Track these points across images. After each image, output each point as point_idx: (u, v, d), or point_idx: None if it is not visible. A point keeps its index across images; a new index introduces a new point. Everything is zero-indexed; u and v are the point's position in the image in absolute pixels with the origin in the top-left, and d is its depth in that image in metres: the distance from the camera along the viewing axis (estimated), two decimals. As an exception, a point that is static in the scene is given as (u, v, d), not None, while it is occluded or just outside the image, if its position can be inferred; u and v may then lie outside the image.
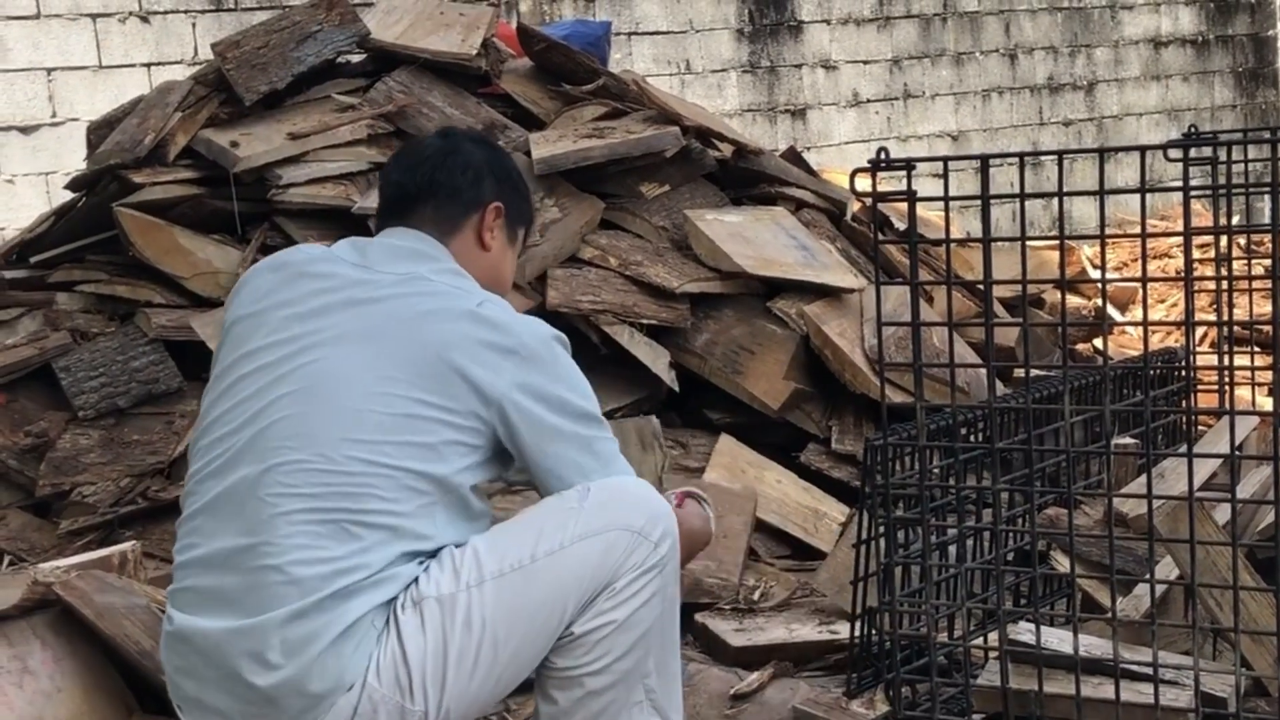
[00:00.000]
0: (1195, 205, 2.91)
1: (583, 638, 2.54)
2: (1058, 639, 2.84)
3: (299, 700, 2.41)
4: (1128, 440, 3.71)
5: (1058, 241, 2.84)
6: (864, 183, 2.80)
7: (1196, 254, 6.87)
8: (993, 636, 2.97)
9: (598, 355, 4.64)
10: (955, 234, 2.93)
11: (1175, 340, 6.89)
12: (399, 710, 2.44)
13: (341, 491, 2.46)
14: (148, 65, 7.55)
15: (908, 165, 2.75)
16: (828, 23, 10.08)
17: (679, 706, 2.74)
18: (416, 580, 2.47)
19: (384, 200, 2.83)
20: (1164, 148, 2.69)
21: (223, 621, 2.45)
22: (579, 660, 2.55)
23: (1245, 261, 5.40)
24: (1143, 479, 2.88)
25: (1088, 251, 8.57)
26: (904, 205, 2.83)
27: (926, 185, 2.81)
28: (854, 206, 5.69)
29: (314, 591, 2.41)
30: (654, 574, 2.58)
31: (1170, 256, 8.60)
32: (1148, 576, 2.92)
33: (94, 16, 7.42)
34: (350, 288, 2.62)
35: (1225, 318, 3.10)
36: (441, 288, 2.63)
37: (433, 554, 2.51)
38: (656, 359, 4.66)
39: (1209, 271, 5.32)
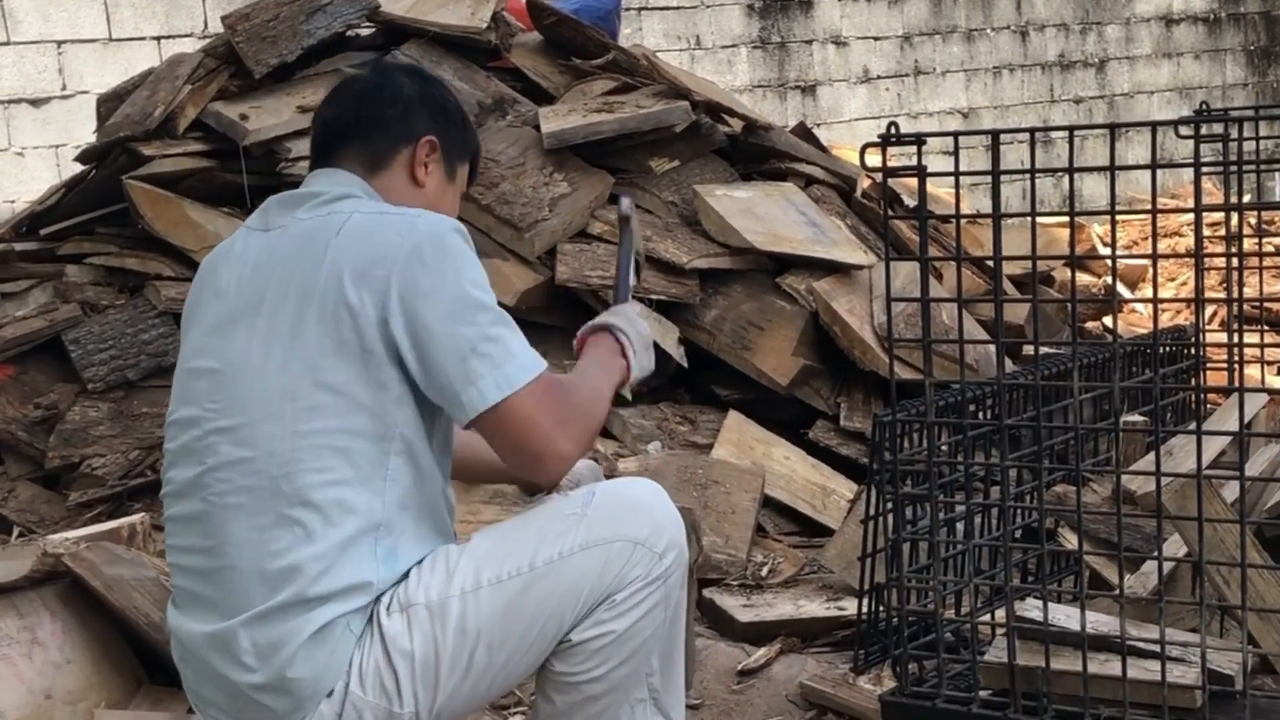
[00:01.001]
0: (1206, 183, 2.90)
1: (580, 646, 2.47)
2: (1065, 616, 2.84)
3: (279, 702, 2.36)
4: (1136, 418, 3.71)
5: (1068, 218, 2.83)
6: (874, 158, 2.80)
7: (1207, 232, 6.85)
8: (1000, 613, 2.96)
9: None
10: (965, 211, 2.93)
11: (1185, 318, 6.87)
12: (386, 715, 2.37)
13: (274, 476, 2.35)
14: (158, 38, 7.54)
15: (918, 140, 2.74)
16: (839, -2, 10.06)
17: (681, 706, 2.70)
18: (404, 582, 2.39)
19: (313, 140, 2.64)
20: (1175, 124, 2.68)
21: (203, 624, 2.42)
22: (577, 667, 2.48)
23: (1256, 239, 5.39)
24: (1151, 456, 2.87)
25: (1098, 229, 8.56)
26: (914, 181, 2.82)
27: (936, 162, 2.80)
28: (864, 183, 5.68)
29: (277, 590, 2.33)
30: (657, 585, 2.50)
31: (1180, 235, 8.58)
32: (1155, 554, 2.92)
33: (104, -11, 7.42)
34: (251, 258, 2.48)
35: (1235, 296, 3.09)
36: (314, 221, 2.45)
37: (386, 526, 2.38)
38: (665, 335, 4.66)
39: (1219, 249, 5.31)
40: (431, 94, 2.67)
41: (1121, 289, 7.65)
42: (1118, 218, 2.78)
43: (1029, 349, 5.17)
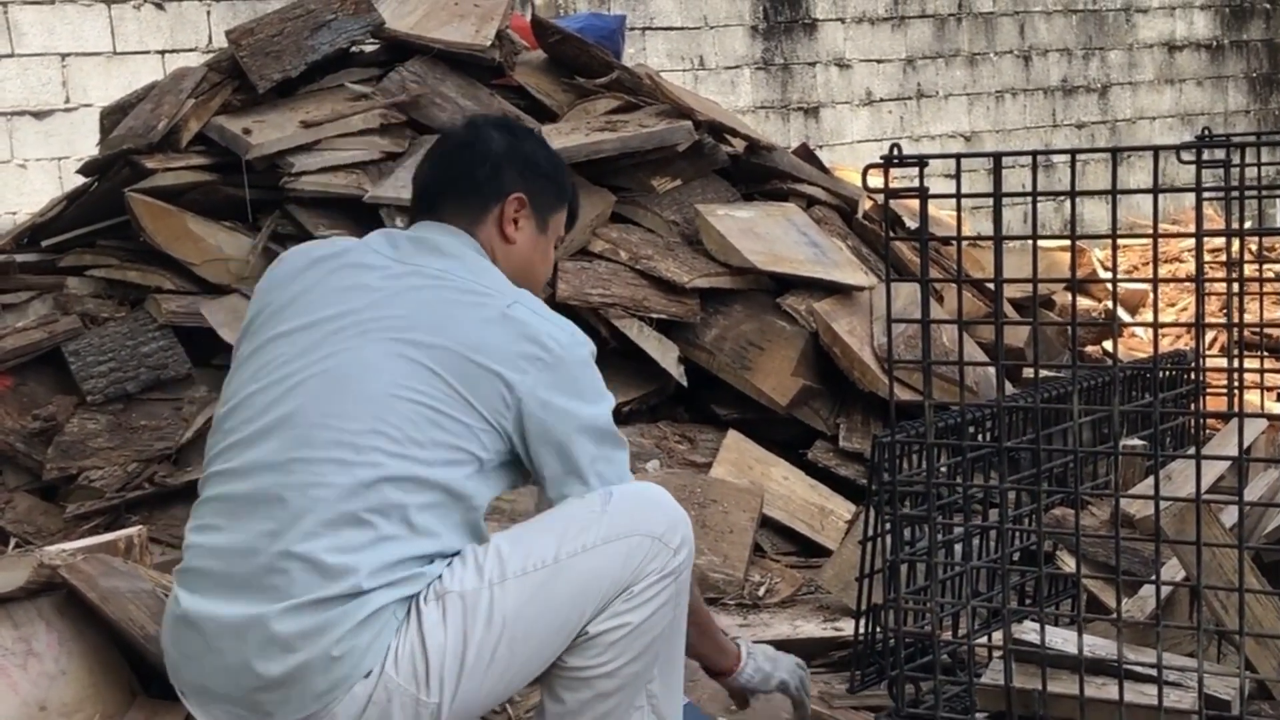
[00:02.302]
0: (1207, 209, 2.91)
1: (597, 638, 2.53)
2: (1062, 639, 2.84)
3: (315, 684, 2.40)
4: (1136, 442, 3.71)
5: (1069, 242, 2.83)
6: (876, 179, 2.80)
7: (1207, 257, 6.85)
8: (997, 635, 2.96)
9: (606, 348, 4.64)
10: (966, 233, 2.93)
11: (1185, 343, 6.87)
12: (413, 701, 2.43)
13: (365, 484, 2.43)
14: (162, 52, 7.56)
15: (920, 162, 2.75)
16: (842, 21, 10.07)
17: (679, 713, 2.74)
18: (440, 575, 2.46)
19: (414, 195, 2.80)
20: (1177, 149, 2.69)
21: (237, 608, 2.43)
22: (591, 661, 2.54)
23: (1256, 265, 5.39)
24: (1150, 480, 2.87)
25: (1099, 253, 8.57)
26: (915, 203, 2.82)
27: (938, 184, 2.81)
28: (865, 204, 5.68)
29: (335, 580, 2.39)
30: (670, 580, 2.58)
31: (1181, 260, 8.59)
32: (1153, 578, 2.92)
33: (109, 2, 7.43)
34: (382, 279, 2.59)
35: (1235, 321, 3.09)
36: (474, 285, 2.59)
37: (445, 555, 2.50)
38: (665, 353, 4.66)
39: (1220, 275, 5.31)
40: (520, 149, 2.78)
41: (1122, 313, 7.65)
42: (1119, 242, 2.79)
43: (1029, 372, 5.17)
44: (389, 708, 2.43)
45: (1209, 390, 4.22)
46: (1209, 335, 6.59)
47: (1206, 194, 2.70)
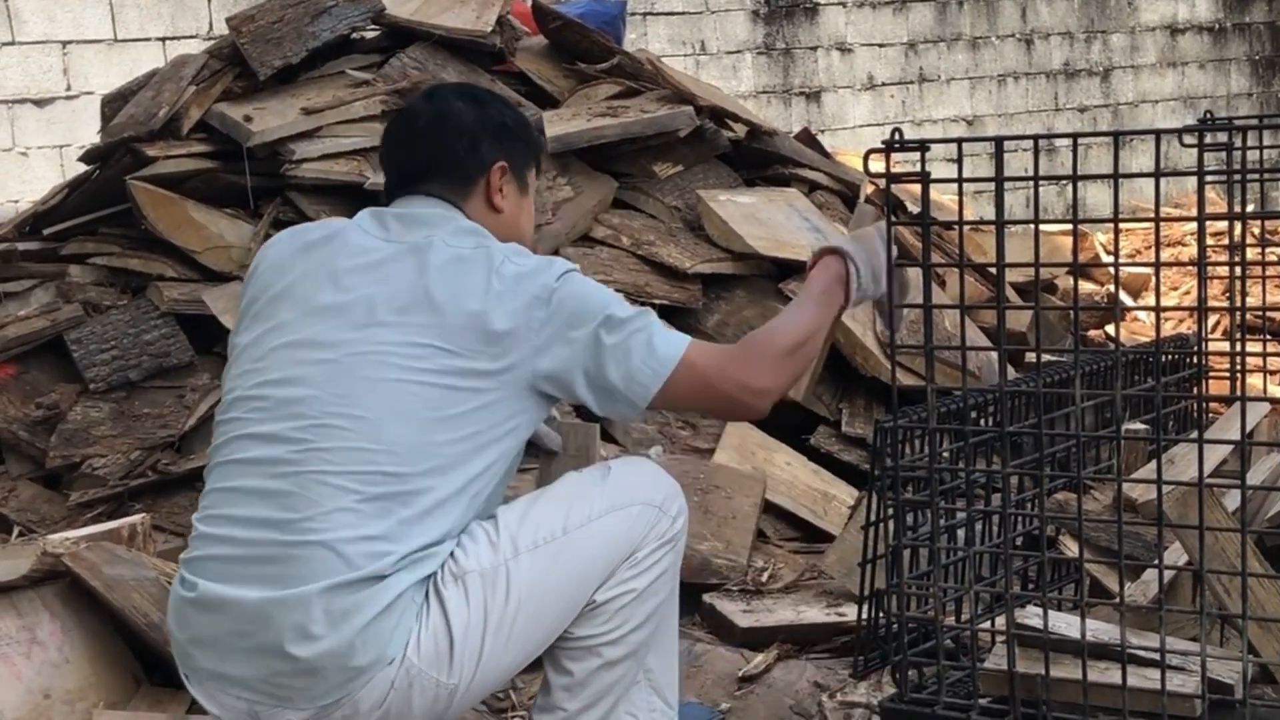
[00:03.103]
0: (1209, 192, 2.90)
1: (604, 605, 2.58)
2: (1065, 623, 2.84)
3: (340, 673, 2.41)
4: (1139, 426, 3.71)
5: (1071, 226, 2.83)
6: (878, 164, 2.80)
7: (1210, 241, 6.84)
8: (1000, 620, 2.96)
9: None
10: (968, 218, 2.92)
11: (1187, 327, 6.87)
12: (434, 684, 2.45)
13: (390, 472, 2.45)
14: (163, 39, 7.55)
15: (922, 147, 2.74)
16: (843, 5, 10.05)
17: (674, 686, 2.78)
18: (453, 554, 2.48)
19: (391, 175, 2.81)
20: (1179, 132, 2.68)
21: (260, 591, 2.43)
22: (597, 629, 2.59)
23: (1259, 249, 5.39)
24: (1153, 464, 2.87)
25: (1101, 237, 8.56)
26: (917, 187, 2.82)
27: (940, 169, 2.80)
28: (867, 189, 5.68)
29: (357, 567, 2.40)
30: (669, 547, 2.65)
31: (1184, 244, 8.58)
32: (1156, 562, 2.92)
33: (109, -11, 7.43)
34: (375, 258, 2.60)
35: (1238, 305, 3.08)
36: (462, 250, 2.60)
37: (455, 532, 2.52)
38: (668, 339, 4.66)
39: (1222, 258, 5.31)
40: (489, 116, 2.79)
41: (1124, 297, 7.64)
42: (1121, 226, 2.78)
43: (1031, 356, 5.16)
44: (409, 693, 2.45)
45: (1211, 374, 4.22)
46: (1212, 319, 6.59)
47: (1209, 177, 2.70)
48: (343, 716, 2.44)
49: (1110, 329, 6.32)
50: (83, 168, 5.41)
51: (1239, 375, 3.20)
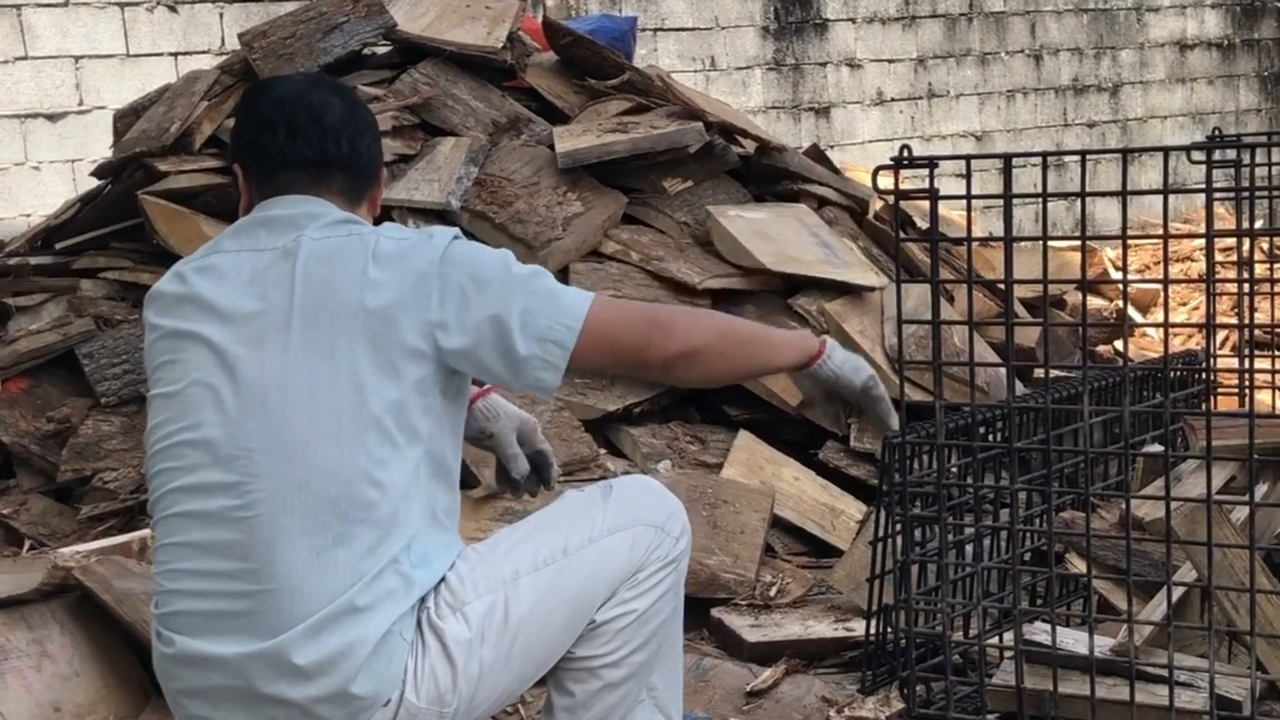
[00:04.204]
0: (1218, 208, 2.91)
1: (604, 626, 2.54)
2: (1073, 639, 2.84)
3: (339, 711, 2.38)
4: (1157, 448, 3.71)
5: (1079, 242, 2.84)
6: (886, 181, 2.81)
7: (1218, 257, 6.84)
8: (1008, 636, 2.97)
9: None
10: (977, 234, 2.93)
11: (1196, 343, 6.87)
12: (435, 716, 2.42)
13: (333, 496, 2.36)
14: (175, 54, 7.58)
15: (930, 163, 2.76)
16: (853, 21, 10.07)
17: (679, 705, 2.75)
18: (446, 584, 2.43)
19: (257, 165, 2.59)
20: (1187, 149, 2.69)
21: (238, 646, 2.38)
22: (598, 650, 2.55)
23: (1268, 265, 5.39)
24: (1160, 481, 2.88)
25: (1110, 253, 8.56)
26: (926, 204, 2.83)
27: (949, 184, 2.81)
28: (876, 204, 5.69)
29: (327, 602, 2.35)
30: (672, 568, 2.61)
31: (1192, 260, 8.57)
32: (1164, 579, 2.92)
33: (122, 5, 7.45)
34: (239, 278, 2.48)
35: (1246, 321, 3.09)
36: (334, 244, 2.46)
37: (420, 535, 2.42)
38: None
39: (1231, 274, 5.31)
40: (363, 116, 2.65)
41: (1133, 313, 7.64)
42: (1130, 242, 2.79)
43: (1040, 372, 5.17)
44: None
45: (1220, 390, 4.22)
46: (1220, 335, 6.59)
47: (1217, 194, 2.71)
48: None
49: (1119, 345, 6.31)
50: (95, 182, 5.43)
51: (1247, 391, 3.21)
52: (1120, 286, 7.17)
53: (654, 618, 2.59)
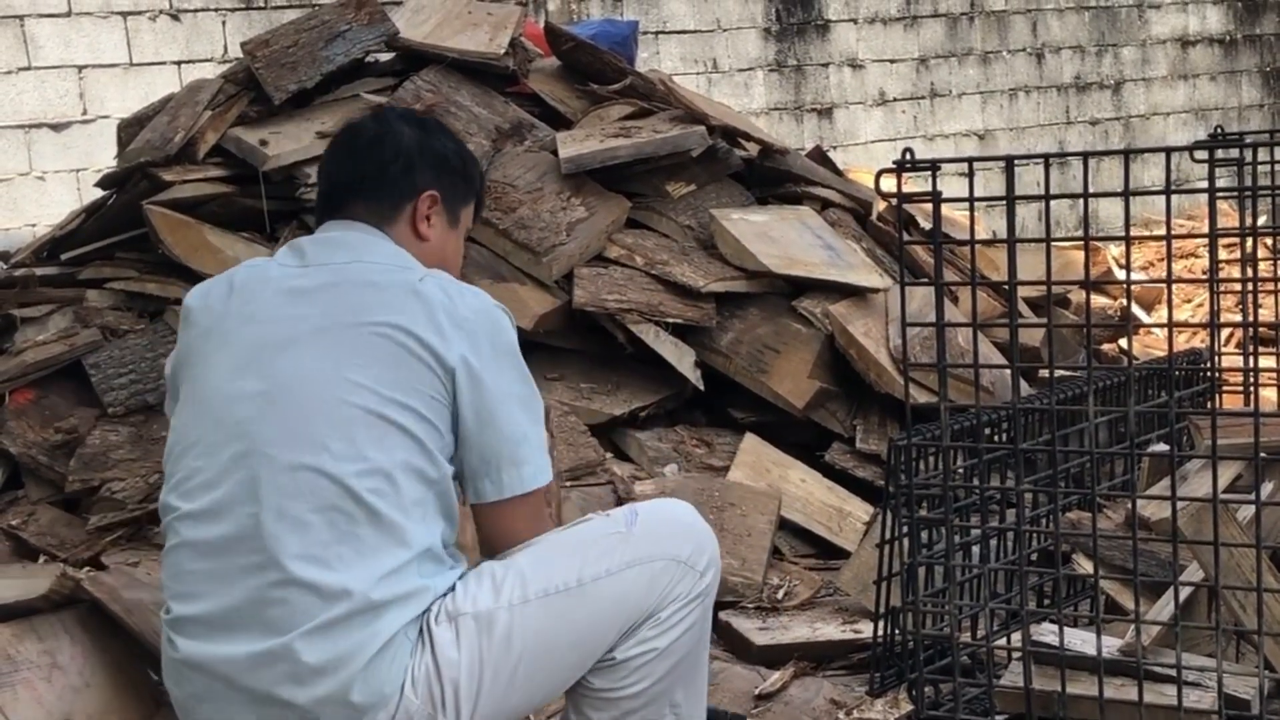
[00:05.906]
0: (1221, 206, 2.92)
1: (624, 663, 2.52)
2: (1081, 640, 2.84)
3: (340, 713, 2.39)
4: (1162, 448, 3.71)
5: (1083, 242, 2.84)
6: (889, 183, 2.81)
7: (1222, 255, 6.84)
8: (1016, 637, 2.97)
9: (623, 354, 4.66)
10: (980, 234, 2.93)
11: (1200, 341, 6.87)
12: None
13: (341, 494, 2.40)
14: (178, 63, 7.59)
15: (933, 166, 2.76)
16: (854, 22, 10.08)
17: (703, 714, 2.73)
18: (451, 593, 2.44)
19: (320, 194, 2.74)
20: (1190, 149, 2.69)
21: (243, 646, 2.40)
22: (618, 683, 2.53)
23: (1271, 263, 5.39)
24: (1166, 481, 2.88)
25: (1113, 252, 8.56)
26: (929, 205, 2.84)
27: (952, 185, 2.82)
28: (880, 206, 5.69)
29: (336, 603, 2.36)
30: (697, 603, 2.58)
31: (1196, 257, 8.57)
32: (1171, 579, 2.92)
33: (125, 14, 7.46)
34: (294, 290, 2.55)
35: (1250, 319, 3.09)
36: (379, 270, 2.55)
37: (435, 552, 2.47)
38: (682, 358, 4.67)
39: (1234, 273, 5.31)
40: (431, 144, 2.73)
41: (1137, 312, 7.64)
42: (1133, 241, 2.80)
43: (1044, 372, 5.17)
44: None
45: (1225, 388, 4.22)
46: (1224, 333, 6.59)
47: (1220, 192, 2.71)
48: None
49: (1123, 344, 6.31)
50: (99, 192, 5.43)
51: (1252, 389, 3.21)
52: (1124, 285, 7.16)
53: (675, 652, 2.56)
